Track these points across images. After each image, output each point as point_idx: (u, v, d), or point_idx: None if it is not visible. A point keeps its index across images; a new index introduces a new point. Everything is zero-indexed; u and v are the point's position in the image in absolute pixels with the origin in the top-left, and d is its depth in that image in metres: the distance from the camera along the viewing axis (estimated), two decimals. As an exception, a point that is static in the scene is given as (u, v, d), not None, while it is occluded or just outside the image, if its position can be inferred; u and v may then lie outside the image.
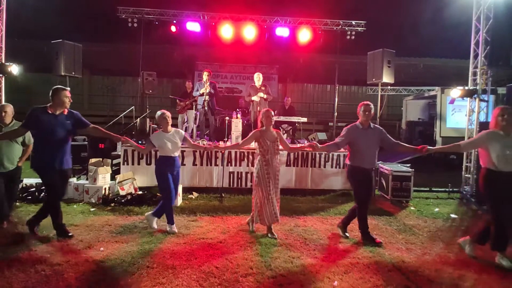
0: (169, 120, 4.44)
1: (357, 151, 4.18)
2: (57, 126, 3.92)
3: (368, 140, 4.14)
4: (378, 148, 4.25)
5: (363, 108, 4.16)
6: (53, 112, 3.95)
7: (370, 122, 4.21)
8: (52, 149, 3.93)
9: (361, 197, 4.23)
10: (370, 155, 4.16)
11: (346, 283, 3.20)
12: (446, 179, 7.38)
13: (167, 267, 3.38)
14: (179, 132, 4.54)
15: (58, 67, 6.98)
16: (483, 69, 6.56)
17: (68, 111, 4.06)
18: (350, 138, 4.18)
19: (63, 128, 3.97)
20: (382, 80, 7.40)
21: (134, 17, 9.22)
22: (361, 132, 4.17)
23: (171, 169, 4.39)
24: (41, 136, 3.95)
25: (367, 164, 4.16)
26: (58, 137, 3.93)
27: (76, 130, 4.20)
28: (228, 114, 8.47)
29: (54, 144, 3.93)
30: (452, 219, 5.46)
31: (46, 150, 3.93)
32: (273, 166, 4.28)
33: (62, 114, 4.01)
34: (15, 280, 3.04)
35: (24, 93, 15.33)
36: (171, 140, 4.38)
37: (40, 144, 3.97)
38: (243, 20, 9.52)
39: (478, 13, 6.68)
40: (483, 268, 3.59)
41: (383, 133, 4.22)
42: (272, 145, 4.29)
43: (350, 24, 9.59)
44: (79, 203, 5.64)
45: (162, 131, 4.44)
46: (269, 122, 4.33)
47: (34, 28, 12.85)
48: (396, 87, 14.43)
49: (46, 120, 3.88)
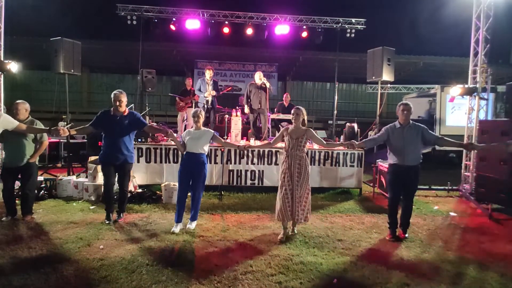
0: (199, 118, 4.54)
1: (394, 149, 4.33)
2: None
3: (405, 138, 4.24)
4: (421, 146, 4.29)
5: (402, 108, 4.29)
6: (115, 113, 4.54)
7: (410, 121, 4.31)
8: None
9: (391, 193, 4.45)
10: (408, 152, 4.23)
11: (346, 280, 3.21)
12: (446, 177, 7.38)
13: (166, 265, 3.38)
14: (209, 131, 4.61)
15: (57, 64, 6.95)
16: (483, 67, 6.55)
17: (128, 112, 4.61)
18: (388, 136, 4.36)
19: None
20: (382, 78, 7.39)
21: (133, 14, 9.19)
22: (399, 130, 4.30)
23: (185, 165, 4.47)
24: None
25: (406, 161, 4.23)
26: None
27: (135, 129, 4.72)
28: (227, 112, 8.48)
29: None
30: (451, 217, 5.47)
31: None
32: (293, 163, 4.21)
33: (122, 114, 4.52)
34: (15, 278, 3.04)
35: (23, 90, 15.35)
36: (194, 137, 4.45)
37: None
38: (242, 18, 9.50)
39: (478, 11, 6.67)
40: (482, 266, 3.60)
41: (424, 130, 4.28)
42: (296, 142, 4.24)
43: (350, 22, 9.57)
44: (79, 201, 5.64)
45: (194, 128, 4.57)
46: (296, 119, 4.31)
47: (33, 26, 12.83)
48: (396, 85, 14.42)
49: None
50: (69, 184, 5.91)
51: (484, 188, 6.03)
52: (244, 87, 13.83)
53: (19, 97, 4.95)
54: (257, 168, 6.53)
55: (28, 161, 4.51)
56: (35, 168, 4.69)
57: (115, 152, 4.49)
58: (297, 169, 4.21)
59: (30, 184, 4.62)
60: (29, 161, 4.53)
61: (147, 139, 6.46)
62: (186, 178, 4.43)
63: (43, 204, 5.36)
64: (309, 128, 4.40)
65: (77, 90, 16.13)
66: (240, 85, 15.85)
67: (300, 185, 4.19)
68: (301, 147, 4.25)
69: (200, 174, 4.44)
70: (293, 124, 4.35)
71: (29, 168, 4.55)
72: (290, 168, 4.21)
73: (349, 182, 6.70)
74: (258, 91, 7.69)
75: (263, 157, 6.54)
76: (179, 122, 8.73)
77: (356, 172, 6.67)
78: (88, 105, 17.04)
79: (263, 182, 6.54)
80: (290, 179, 4.19)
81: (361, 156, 6.66)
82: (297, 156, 4.23)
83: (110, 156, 4.52)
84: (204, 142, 4.46)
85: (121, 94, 4.54)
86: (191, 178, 4.44)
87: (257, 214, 5.18)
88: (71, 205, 5.42)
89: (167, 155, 6.40)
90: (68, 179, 6.00)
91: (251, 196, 6.22)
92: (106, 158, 4.55)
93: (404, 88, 14.75)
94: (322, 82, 18.28)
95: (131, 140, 4.69)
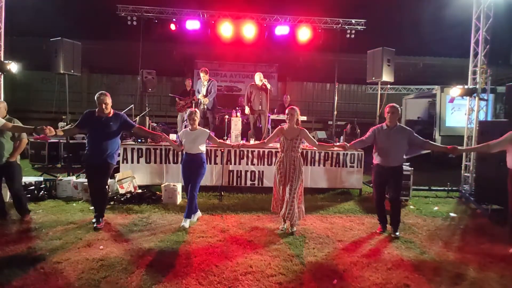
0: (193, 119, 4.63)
1: (380, 150, 4.46)
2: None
3: (390, 139, 4.37)
4: (405, 147, 4.44)
5: (388, 110, 4.43)
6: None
7: (397, 123, 4.45)
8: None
9: (375, 193, 4.60)
10: (393, 153, 4.38)
11: (345, 281, 3.21)
12: (445, 178, 7.38)
13: (166, 265, 3.38)
14: (205, 131, 4.72)
15: (57, 65, 6.95)
16: (482, 68, 6.55)
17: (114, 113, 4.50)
18: (375, 137, 4.49)
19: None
20: (382, 78, 7.39)
21: (133, 15, 9.18)
22: (385, 132, 4.42)
23: (185, 166, 4.64)
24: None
25: (389, 162, 4.38)
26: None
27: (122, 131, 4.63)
28: (227, 113, 8.47)
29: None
30: (451, 217, 5.47)
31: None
32: (287, 162, 4.37)
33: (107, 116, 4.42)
34: (15, 278, 3.04)
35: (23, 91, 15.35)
36: (191, 138, 4.57)
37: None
38: (242, 18, 9.49)
39: (478, 12, 6.67)
40: (482, 266, 3.60)
41: (411, 133, 4.42)
42: (291, 142, 4.35)
43: (350, 23, 9.57)
44: (79, 201, 5.63)
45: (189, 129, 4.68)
46: (290, 119, 4.41)
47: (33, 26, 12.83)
48: (396, 86, 14.42)
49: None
50: (68, 185, 5.90)
51: (484, 189, 6.03)
52: (244, 87, 13.82)
53: (19, 98, 4.96)
54: (257, 169, 6.54)
55: (8, 160, 4.45)
56: (17, 167, 4.59)
57: (97, 154, 4.37)
58: (292, 170, 4.35)
59: (16, 184, 4.56)
60: (9, 159, 4.46)
61: (147, 140, 6.46)
62: (188, 177, 4.64)
63: (43, 205, 5.36)
64: (303, 128, 4.48)
65: (77, 91, 16.09)
66: (240, 86, 15.84)
67: (293, 185, 4.33)
68: (296, 148, 4.37)
69: (199, 173, 4.62)
70: (287, 124, 4.40)
71: (10, 167, 4.47)
72: (284, 168, 4.37)
73: (349, 182, 6.71)
74: (259, 92, 7.69)
75: (263, 158, 6.54)
76: (179, 122, 8.73)
77: (356, 173, 6.69)
78: (88, 105, 16.97)
79: (263, 182, 6.53)
80: (284, 179, 4.36)
81: (361, 157, 6.66)
82: (292, 156, 4.35)
83: (92, 158, 4.40)
84: (200, 142, 4.62)
85: (106, 97, 4.40)
86: (191, 177, 4.62)
87: (257, 215, 5.18)
88: (70, 205, 5.42)
89: (167, 156, 6.41)
90: (68, 180, 5.99)
91: (251, 196, 6.22)
92: (89, 159, 4.43)
93: (404, 88, 14.75)
94: (322, 82, 18.24)
95: (116, 142, 4.56)
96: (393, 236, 4.40)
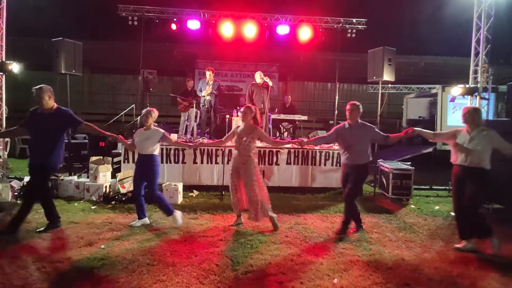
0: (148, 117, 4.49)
1: (343, 148, 4.50)
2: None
3: (352, 137, 4.36)
4: (367, 144, 4.41)
5: (347, 108, 4.48)
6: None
7: (359, 120, 4.45)
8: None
9: (343, 191, 4.59)
10: (354, 151, 4.35)
11: (346, 280, 3.21)
12: (446, 177, 7.28)
13: (167, 264, 3.39)
14: (158, 130, 4.56)
15: (58, 65, 6.96)
16: (484, 67, 6.55)
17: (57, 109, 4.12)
18: (337, 135, 4.51)
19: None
20: (383, 78, 7.37)
21: (134, 15, 9.19)
22: (347, 130, 4.44)
23: (137, 168, 4.56)
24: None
25: (350, 160, 4.37)
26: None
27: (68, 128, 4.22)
28: (228, 113, 8.48)
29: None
30: (452, 217, 5.46)
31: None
32: (239, 162, 4.39)
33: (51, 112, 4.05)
34: (16, 277, 3.05)
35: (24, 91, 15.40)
36: (142, 137, 4.46)
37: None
38: (243, 18, 9.49)
39: (479, 11, 6.66)
40: (482, 266, 3.60)
41: (371, 129, 4.43)
42: (243, 141, 4.34)
43: (350, 22, 9.55)
44: (80, 201, 5.65)
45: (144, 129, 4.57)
46: (244, 118, 4.44)
47: (35, 26, 12.85)
48: (397, 85, 14.38)
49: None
50: (70, 184, 5.92)
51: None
52: (245, 87, 13.82)
53: (20, 98, 4.96)
54: (257, 168, 6.53)
55: None
56: None
57: (36, 153, 4.03)
58: (242, 169, 4.36)
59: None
60: None
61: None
62: (138, 179, 4.51)
63: (45, 204, 5.36)
64: (259, 127, 4.47)
65: (79, 91, 16.11)
66: (241, 85, 15.85)
67: (246, 185, 4.35)
68: (247, 147, 4.34)
69: (153, 175, 4.44)
70: (244, 122, 4.46)
71: None
72: (235, 167, 4.43)
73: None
74: (261, 91, 7.70)
75: (263, 157, 6.54)
76: (181, 122, 8.74)
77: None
78: (90, 105, 17.04)
79: (264, 182, 6.52)
80: (236, 178, 4.43)
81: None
82: (243, 155, 4.35)
83: (31, 157, 4.07)
84: (152, 143, 4.43)
85: (39, 90, 3.97)
86: (145, 179, 4.49)
87: (258, 214, 5.17)
88: (72, 205, 5.44)
89: (168, 156, 6.41)
90: (69, 179, 6.01)
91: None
92: (30, 160, 4.07)
93: (405, 88, 14.71)
94: (323, 82, 18.23)
95: (59, 141, 4.16)
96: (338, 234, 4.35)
